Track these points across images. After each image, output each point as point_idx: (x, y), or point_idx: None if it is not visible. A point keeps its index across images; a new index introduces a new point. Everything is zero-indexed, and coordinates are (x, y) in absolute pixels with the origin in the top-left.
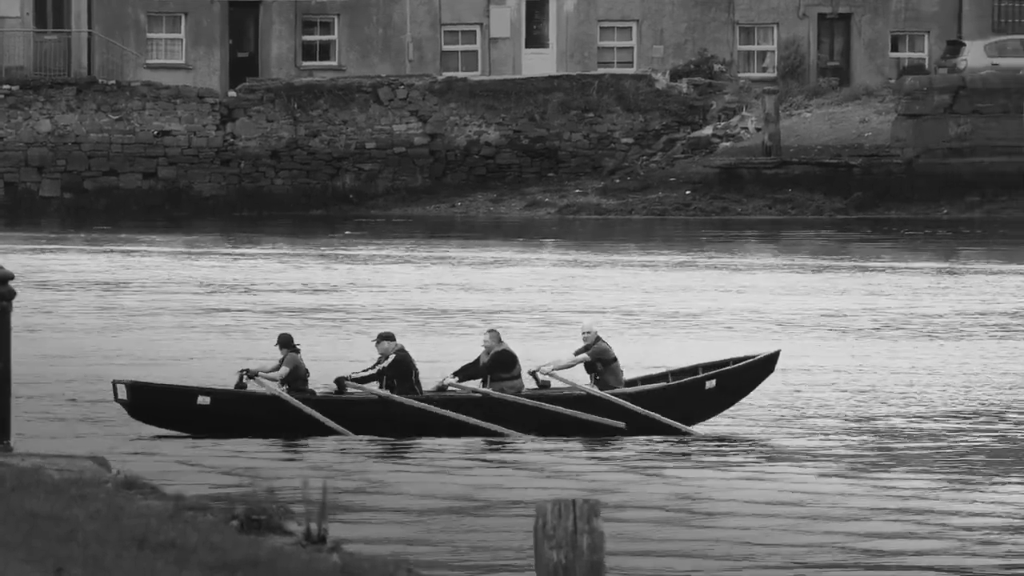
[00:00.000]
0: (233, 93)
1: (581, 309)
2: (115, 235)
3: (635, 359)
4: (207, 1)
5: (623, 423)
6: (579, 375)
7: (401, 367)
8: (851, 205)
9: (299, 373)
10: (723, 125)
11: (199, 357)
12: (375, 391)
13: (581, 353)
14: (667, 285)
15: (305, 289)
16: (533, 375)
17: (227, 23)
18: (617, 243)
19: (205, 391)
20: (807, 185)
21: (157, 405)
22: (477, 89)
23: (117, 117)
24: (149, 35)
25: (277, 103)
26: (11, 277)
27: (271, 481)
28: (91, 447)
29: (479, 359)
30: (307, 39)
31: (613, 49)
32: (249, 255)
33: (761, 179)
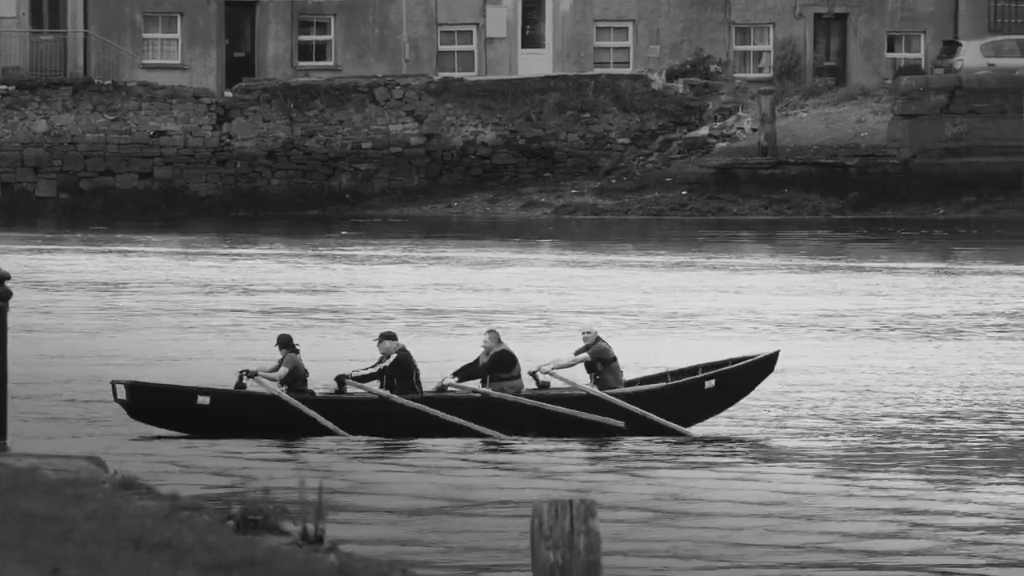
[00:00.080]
0: (229, 93)
1: (579, 309)
2: (111, 235)
3: (634, 359)
4: (203, 1)
5: (623, 422)
6: (579, 375)
7: (402, 367)
8: (847, 205)
9: (298, 373)
10: (719, 125)
11: (198, 357)
12: (374, 390)
13: (581, 353)
14: (664, 285)
15: (302, 289)
16: (533, 375)
17: (223, 23)
18: (614, 243)
19: (205, 391)
20: (803, 185)
21: (156, 405)
22: (473, 89)
23: (113, 117)
24: (145, 35)
25: (273, 103)
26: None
27: (267, 481)
28: (88, 447)
29: (478, 359)
30: (303, 39)
31: (609, 49)
32: (246, 255)
33: (757, 179)
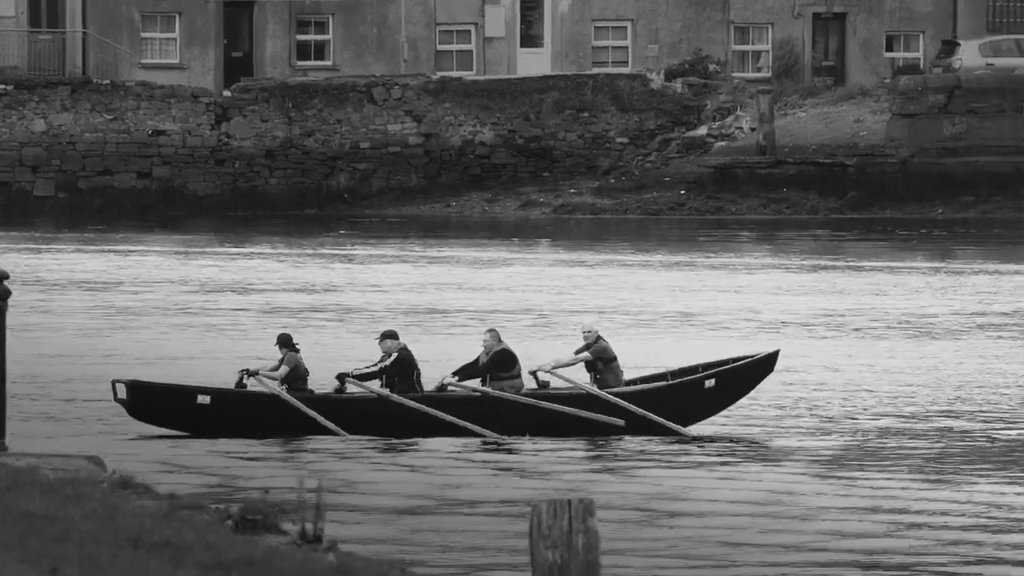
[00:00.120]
0: (228, 93)
1: (577, 309)
2: (110, 235)
3: (633, 359)
4: (201, 1)
5: (623, 421)
6: (579, 374)
7: (403, 365)
8: (846, 205)
9: (299, 373)
10: (718, 125)
11: (197, 357)
12: (374, 389)
13: (582, 352)
14: (662, 285)
15: (301, 289)
16: (533, 375)
17: (221, 22)
18: (612, 243)
19: (205, 390)
20: (802, 185)
21: (157, 405)
22: (472, 89)
23: (112, 117)
24: (143, 34)
25: (272, 103)
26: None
27: (266, 481)
28: (87, 447)
29: (479, 359)
30: (301, 39)
31: (608, 49)
32: (244, 255)
33: (756, 179)
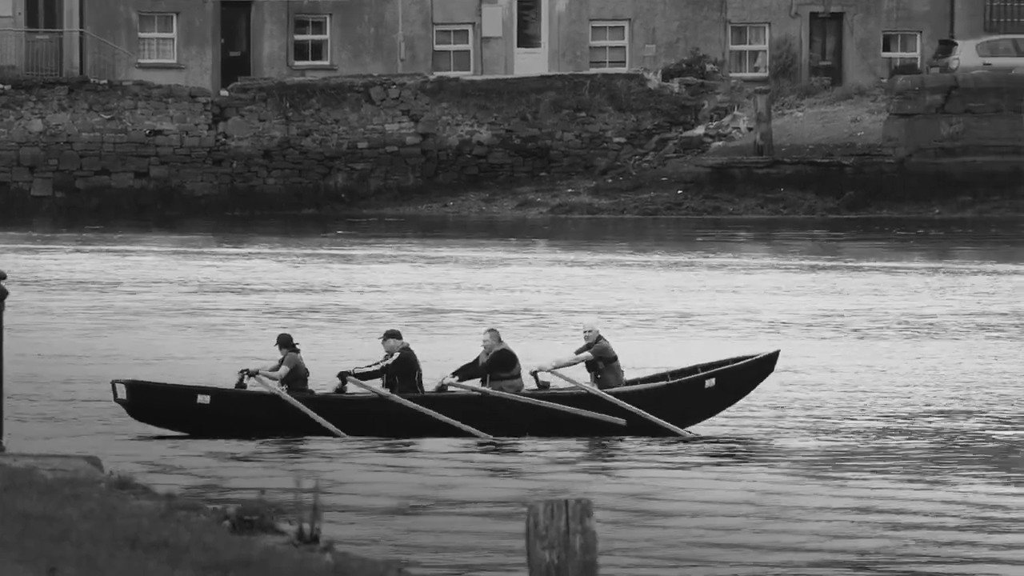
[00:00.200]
0: (225, 92)
1: (575, 309)
2: (107, 235)
3: (632, 359)
4: (199, 0)
5: (624, 420)
6: (580, 374)
7: (404, 365)
8: (843, 204)
9: (299, 373)
10: (715, 125)
11: (196, 357)
12: (374, 389)
13: (582, 352)
14: (660, 285)
15: (299, 288)
16: (534, 375)
17: (219, 22)
18: (609, 243)
19: (205, 390)
20: (799, 184)
21: (157, 405)
22: (469, 88)
23: (109, 116)
24: (141, 34)
25: (269, 102)
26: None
27: (264, 481)
28: (85, 447)
29: (478, 359)
30: (299, 38)
31: (605, 48)
32: (241, 255)
33: (753, 178)
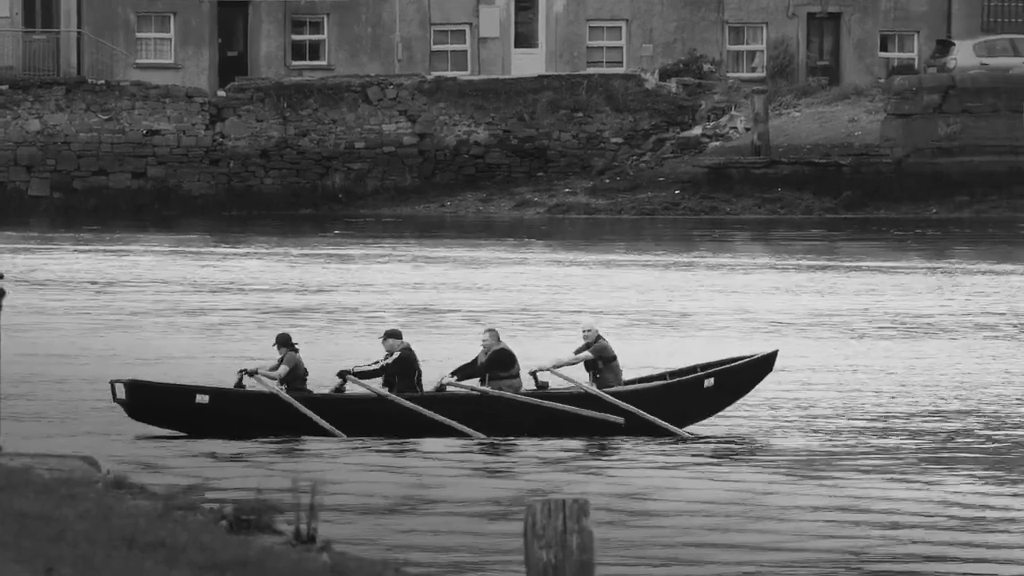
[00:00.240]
0: (222, 92)
1: (572, 309)
2: (105, 235)
3: (629, 360)
4: (196, 1)
5: (622, 418)
6: (579, 374)
7: (404, 365)
8: (840, 204)
9: (298, 372)
10: (712, 125)
11: (193, 357)
12: (373, 388)
13: (582, 351)
14: (657, 285)
15: (295, 289)
16: (533, 375)
17: (216, 22)
18: (607, 243)
19: (204, 390)
20: (796, 184)
21: (156, 404)
22: (466, 89)
23: (106, 117)
24: (138, 35)
25: (266, 102)
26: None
27: (261, 481)
28: (83, 447)
29: (477, 358)
30: (296, 38)
31: (602, 49)
32: (239, 255)
33: (750, 179)
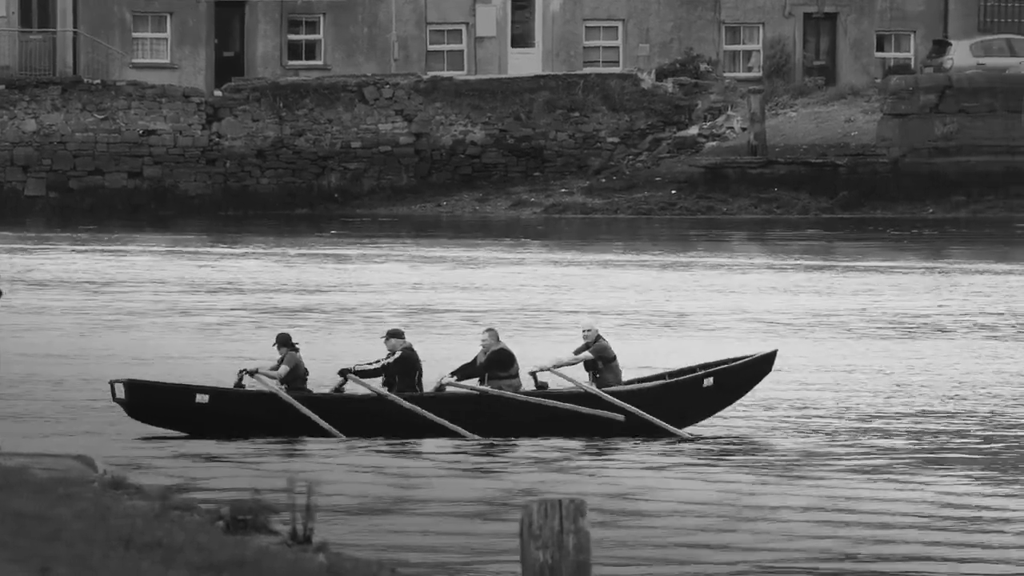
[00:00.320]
0: (219, 92)
1: (569, 309)
2: (101, 234)
3: (628, 360)
4: (192, 0)
5: (623, 416)
6: (578, 374)
7: (405, 364)
8: (837, 204)
9: (298, 372)
10: (709, 125)
11: (191, 356)
12: (373, 387)
13: (582, 351)
14: (655, 285)
15: (292, 288)
16: (533, 375)
17: (212, 22)
18: (603, 243)
19: (203, 389)
20: (793, 184)
21: (155, 404)
22: (463, 88)
23: (103, 116)
24: (135, 34)
25: (263, 102)
26: None
27: (258, 481)
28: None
29: (476, 358)
30: (293, 38)
31: (599, 48)
32: (235, 254)
33: (747, 178)
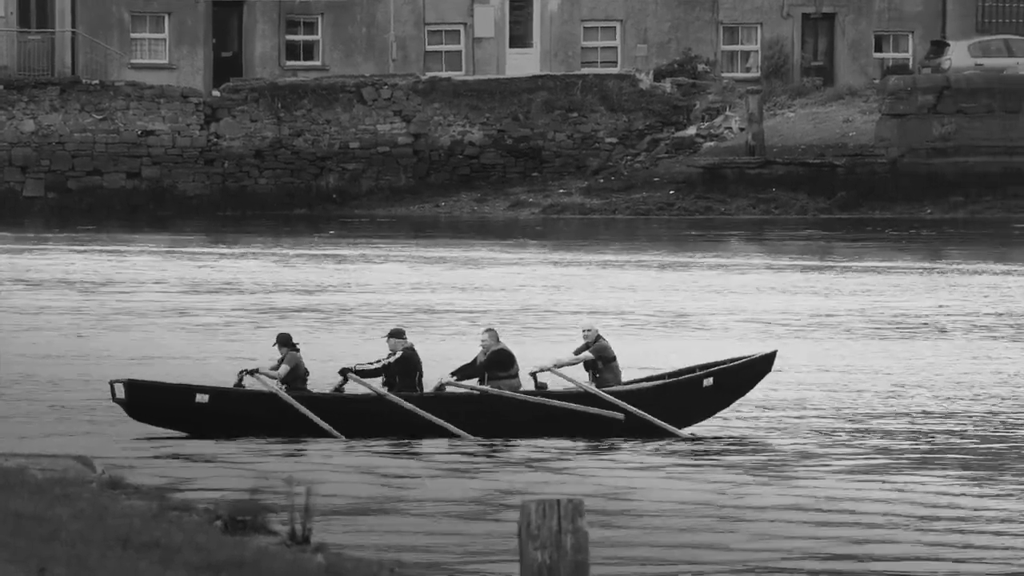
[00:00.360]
0: (217, 93)
1: (570, 310)
2: (99, 235)
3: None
4: (191, 1)
5: (622, 416)
6: (578, 374)
7: (406, 364)
8: (835, 205)
9: (299, 372)
10: (707, 125)
11: (190, 357)
12: (373, 387)
13: (582, 351)
14: (653, 285)
15: (291, 289)
16: (533, 376)
17: (211, 22)
18: (601, 243)
19: (203, 389)
20: (791, 185)
21: (155, 404)
22: (461, 89)
23: (101, 117)
24: (133, 35)
25: (261, 103)
26: None
27: (257, 481)
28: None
29: (476, 358)
30: (291, 39)
31: (597, 49)
32: (234, 255)
33: (745, 179)
